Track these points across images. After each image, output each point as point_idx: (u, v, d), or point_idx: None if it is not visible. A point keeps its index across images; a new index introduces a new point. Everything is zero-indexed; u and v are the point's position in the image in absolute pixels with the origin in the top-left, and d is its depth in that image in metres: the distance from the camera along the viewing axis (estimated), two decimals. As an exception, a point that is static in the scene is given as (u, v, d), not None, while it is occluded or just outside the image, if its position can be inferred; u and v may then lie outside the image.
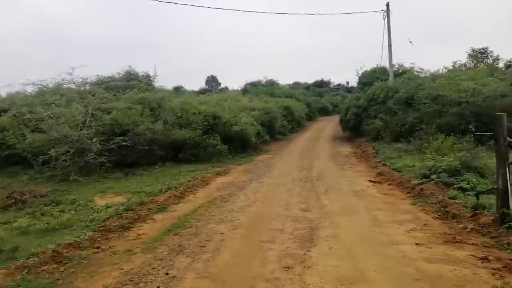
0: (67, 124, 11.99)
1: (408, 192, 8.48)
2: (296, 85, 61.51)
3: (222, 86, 64.88)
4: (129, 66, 21.65)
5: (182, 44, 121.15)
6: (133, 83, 19.44)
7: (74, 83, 16.95)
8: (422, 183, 8.68)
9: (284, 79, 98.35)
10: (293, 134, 26.37)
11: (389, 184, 9.56)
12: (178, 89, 40.54)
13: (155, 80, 23.04)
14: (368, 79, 24.88)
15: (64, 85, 16.74)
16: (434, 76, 18.65)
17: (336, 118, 31.97)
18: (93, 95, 14.56)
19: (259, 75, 72.34)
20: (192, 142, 14.28)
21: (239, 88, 43.46)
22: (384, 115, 17.44)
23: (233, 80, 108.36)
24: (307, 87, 60.19)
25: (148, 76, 21.71)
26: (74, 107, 12.97)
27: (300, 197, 8.68)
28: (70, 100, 13.94)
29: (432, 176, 8.83)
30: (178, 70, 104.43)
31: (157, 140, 13.40)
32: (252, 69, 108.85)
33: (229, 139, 16.04)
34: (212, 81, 76.82)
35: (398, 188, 9.03)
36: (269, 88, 36.35)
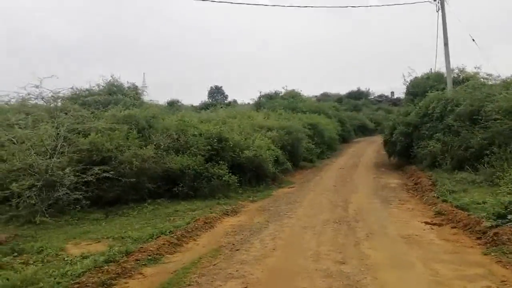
0: (34, 150, 12.26)
1: (478, 238, 8.40)
2: (325, 97, 62.01)
3: (230, 99, 65.82)
4: (112, 76, 22.36)
5: (177, 50, 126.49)
6: (117, 97, 20.02)
7: (42, 98, 17.37)
8: (496, 226, 8.55)
9: (309, 89, 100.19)
10: (322, 160, 26.50)
11: (452, 227, 9.42)
12: (173, 104, 41.27)
13: (144, 93, 23.71)
14: (420, 88, 24.96)
15: (30, 101, 17.19)
16: (507, 83, 18.49)
17: (378, 139, 31.99)
18: (66, 113, 14.92)
19: (277, 85, 73.74)
20: (192, 172, 14.41)
21: (251, 102, 44.06)
22: (442, 135, 17.33)
23: (243, 92, 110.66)
24: (339, 99, 60.58)
25: (135, 88, 22.26)
26: (42, 128, 13.28)
27: (333, 244, 8.63)
28: (37, 120, 14.31)
29: (510, 217, 8.65)
30: (172, 81, 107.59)
31: (147, 170, 13.56)
32: (267, 78, 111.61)
33: (239, 167, 16.19)
34: (216, 93, 78.17)
35: (464, 233, 8.89)
36: (291, 101, 36.72)
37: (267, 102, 38.71)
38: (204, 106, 44.13)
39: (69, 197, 11.79)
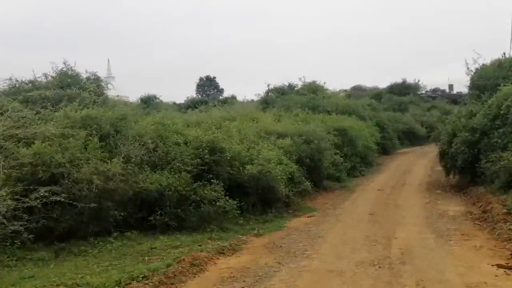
0: (-43, 164, 12.30)
1: None
2: (358, 91, 62.20)
3: (226, 94, 66.12)
4: (65, 63, 22.54)
5: (156, 34, 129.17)
6: (72, 91, 20.15)
7: (-31, 94, 17.63)
8: None
9: (336, 81, 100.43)
10: (354, 179, 26.48)
11: (536, 272, 9.31)
12: (148, 101, 41.52)
13: (109, 86, 23.81)
14: (489, 80, 24.82)
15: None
16: None
17: (432, 150, 31.79)
18: (1, 114, 15.01)
19: (291, 75, 73.61)
20: (175, 194, 14.40)
21: (256, 99, 44.20)
22: (522, 145, 17.26)
23: (244, 85, 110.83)
24: (377, 94, 60.60)
25: (97, 79, 22.38)
26: (-31, 135, 13.39)
27: (371, 296, 8.52)
28: (-39, 123, 14.41)
29: None
30: (148, 71, 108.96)
31: (112, 192, 13.58)
32: (278, 66, 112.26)
33: (239, 188, 16.18)
34: (208, 86, 78.79)
35: (553, 280, 8.78)
36: (310, 97, 36.76)
37: (278, 98, 38.82)
38: (192, 104, 44.54)
39: (5, 228, 11.71)
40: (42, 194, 12.36)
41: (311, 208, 18.49)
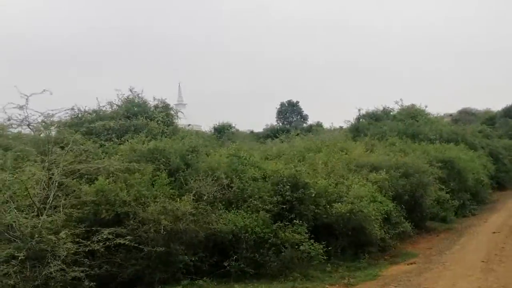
0: (14, 204, 12.68)
1: None
2: (466, 115, 60.70)
3: (311, 121, 66.08)
4: (131, 90, 23.20)
5: (230, 53, 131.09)
6: (139, 121, 20.82)
7: (29, 125, 18.12)
8: None
9: (439, 104, 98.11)
10: (464, 219, 25.86)
11: None
12: (223, 131, 41.97)
13: (179, 114, 24.34)
14: None
15: (11, 129, 17.97)
16: None
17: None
18: (62, 147, 15.41)
19: (385, 98, 72.67)
20: (252, 237, 14.50)
21: (345, 126, 43.83)
22: None
23: (332, 110, 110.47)
24: (489, 119, 58.86)
25: (166, 106, 22.92)
26: (27, 171, 13.79)
27: None
28: (20, 158, 15.00)
29: None
30: (223, 96, 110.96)
31: (182, 234, 13.85)
32: (370, 89, 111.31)
33: (326, 230, 16.18)
34: (290, 112, 79.13)
35: None
36: (409, 123, 36.22)
37: (371, 125, 38.38)
38: (271, 133, 44.54)
39: (66, 275, 11.98)
40: (105, 237, 12.60)
41: (412, 254, 18.12)
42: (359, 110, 42.63)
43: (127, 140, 17.71)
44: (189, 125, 30.03)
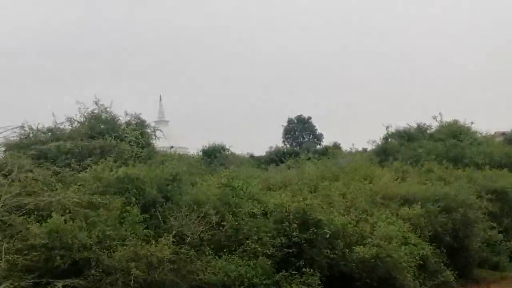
0: None
1: None
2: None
3: (326, 142, 65.80)
4: (96, 102, 22.96)
5: (223, 59, 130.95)
6: (105, 142, 20.57)
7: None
8: None
9: (488, 121, 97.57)
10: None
11: None
12: (213, 154, 41.66)
13: (157, 133, 24.14)
14: None
15: None
16: None
17: None
18: (6, 175, 15.25)
19: (421, 113, 72.35)
20: None
21: (369, 148, 43.55)
22: None
23: (353, 128, 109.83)
24: None
25: (140, 124, 22.72)
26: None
27: None
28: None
29: None
30: (214, 113, 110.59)
31: (151, 286, 13.53)
32: (401, 101, 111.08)
33: (345, 281, 15.99)
34: (300, 130, 78.80)
35: None
36: (451, 144, 36.10)
37: (402, 146, 38.31)
38: (276, 157, 44.40)
39: None
40: (59, 292, 12.36)
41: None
42: (387, 127, 42.42)
43: (90, 166, 17.50)
44: (171, 147, 29.96)
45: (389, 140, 41.85)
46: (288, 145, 69.96)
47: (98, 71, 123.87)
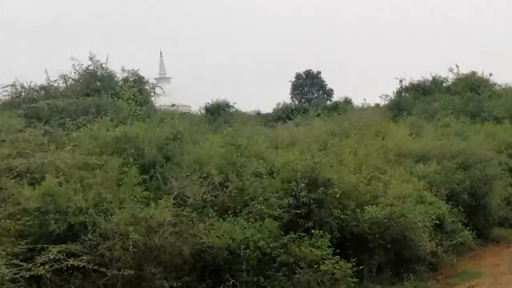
0: None
1: None
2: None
3: (336, 97, 65.51)
4: (91, 58, 22.96)
5: (228, 10, 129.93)
6: (102, 100, 20.59)
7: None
8: None
9: (509, 72, 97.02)
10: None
11: None
12: (217, 111, 41.61)
13: (156, 90, 24.12)
14: None
15: None
16: None
17: None
18: (-5, 136, 15.25)
19: (436, 64, 72.16)
20: (255, 254, 14.25)
21: (382, 103, 43.38)
22: None
23: (364, 82, 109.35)
24: None
25: (139, 80, 22.76)
26: None
27: None
28: None
29: None
30: (219, 68, 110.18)
31: (158, 251, 13.55)
32: (415, 51, 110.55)
33: (356, 242, 16.01)
34: (309, 86, 78.52)
35: None
36: (468, 98, 36.16)
37: (417, 100, 38.26)
38: (284, 114, 44.24)
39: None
40: (53, 257, 12.28)
41: (474, 272, 17.96)
42: (400, 81, 42.45)
43: (85, 126, 17.43)
44: (173, 105, 29.95)
45: (403, 94, 41.86)
46: (296, 102, 69.79)
47: (94, 27, 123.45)
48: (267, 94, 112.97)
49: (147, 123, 18.24)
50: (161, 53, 72.71)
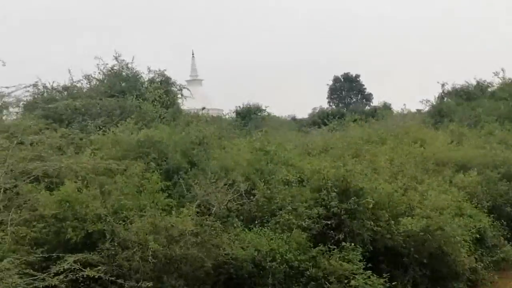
0: None
1: None
2: None
3: (376, 102, 65.31)
4: (117, 58, 23.09)
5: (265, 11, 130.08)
6: (127, 102, 20.67)
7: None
8: None
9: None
10: None
11: None
12: (248, 116, 41.59)
13: (184, 91, 24.05)
14: None
15: None
16: None
17: None
18: (14, 138, 15.11)
19: (481, 69, 71.78)
20: (282, 267, 14.11)
21: (423, 109, 43.12)
22: None
23: (406, 87, 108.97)
24: None
25: (165, 80, 22.77)
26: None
27: None
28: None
29: None
30: (254, 70, 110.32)
31: (179, 263, 13.48)
32: (459, 54, 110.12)
33: (390, 256, 15.81)
34: (347, 90, 78.42)
35: None
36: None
37: (460, 107, 37.94)
38: (319, 119, 44.14)
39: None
40: (68, 267, 12.19)
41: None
42: (442, 85, 42.16)
43: (108, 129, 17.50)
44: (203, 108, 29.92)
45: (445, 99, 41.52)
46: (334, 106, 69.81)
47: (122, 23, 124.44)
48: (304, 98, 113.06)
49: (172, 126, 18.25)
50: (193, 55, 72.38)
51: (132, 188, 14.47)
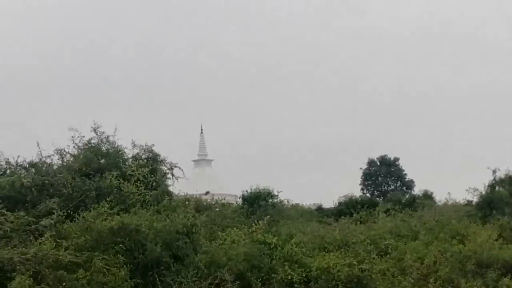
0: None
1: None
2: None
3: (417, 190, 64.80)
4: (95, 129, 23.04)
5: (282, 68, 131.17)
6: (103, 182, 20.26)
7: None
8: None
9: None
10: None
11: None
12: (257, 201, 41.28)
13: (175, 171, 23.81)
14: None
15: None
16: None
17: None
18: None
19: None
20: None
21: (473, 199, 42.56)
22: None
23: (453, 173, 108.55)
24: None
25: (153, 158, 22.53)
26: None
27: None
28: None
29: None
30: (272, 148, 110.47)
31: None
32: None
33: None
34: (383, 176, 78.25)
35: None
36: None
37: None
38: (347, 209, 43.77)
39: None
40: None
41: None
42: (494, 171, 41.54)
43: (78, 214, 17.37)
44: (207, 192, 29.87)
45: (496, 188, 40.94)
46: (368, 194, 69.39)
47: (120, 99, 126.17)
48: (332, 184, 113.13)
49: (153, 212, 17.84)
50: (201, 130, 71.33)
51: (96, 286, 13.93)
